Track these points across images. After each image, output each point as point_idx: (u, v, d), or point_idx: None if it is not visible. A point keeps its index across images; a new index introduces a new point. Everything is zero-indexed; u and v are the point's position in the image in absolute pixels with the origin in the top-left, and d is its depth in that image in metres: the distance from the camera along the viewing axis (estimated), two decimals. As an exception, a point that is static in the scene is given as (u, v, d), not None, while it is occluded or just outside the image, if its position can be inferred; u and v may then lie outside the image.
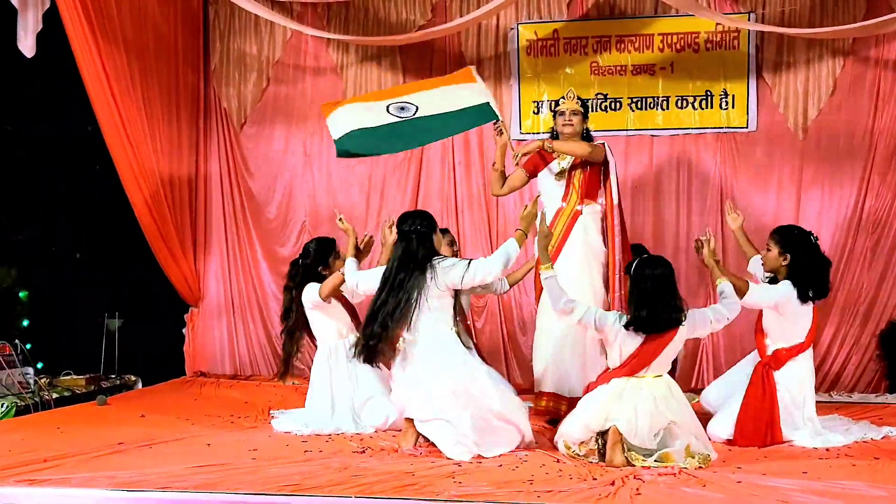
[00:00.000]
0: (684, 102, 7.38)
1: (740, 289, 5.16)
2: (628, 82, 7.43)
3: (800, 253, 5.29)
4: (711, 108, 7.34)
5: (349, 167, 7.84)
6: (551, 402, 5.73)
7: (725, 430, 5.21)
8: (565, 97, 5.99)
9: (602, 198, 5.85)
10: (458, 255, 6.23)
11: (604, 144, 5.85)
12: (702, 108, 7.35)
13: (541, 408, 5.78)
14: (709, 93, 7.34)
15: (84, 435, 5.15)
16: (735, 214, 5.83)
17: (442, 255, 5.09)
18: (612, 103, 7.46)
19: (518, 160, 5.74)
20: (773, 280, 5.38)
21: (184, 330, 7.87)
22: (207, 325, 7.96)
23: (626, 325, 4.74)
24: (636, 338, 4.74)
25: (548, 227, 5.20)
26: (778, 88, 7.24)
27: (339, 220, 5.76)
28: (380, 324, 4.87)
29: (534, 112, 7.57)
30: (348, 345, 5.58)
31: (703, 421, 5.08)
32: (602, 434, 4.64)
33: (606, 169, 5.81)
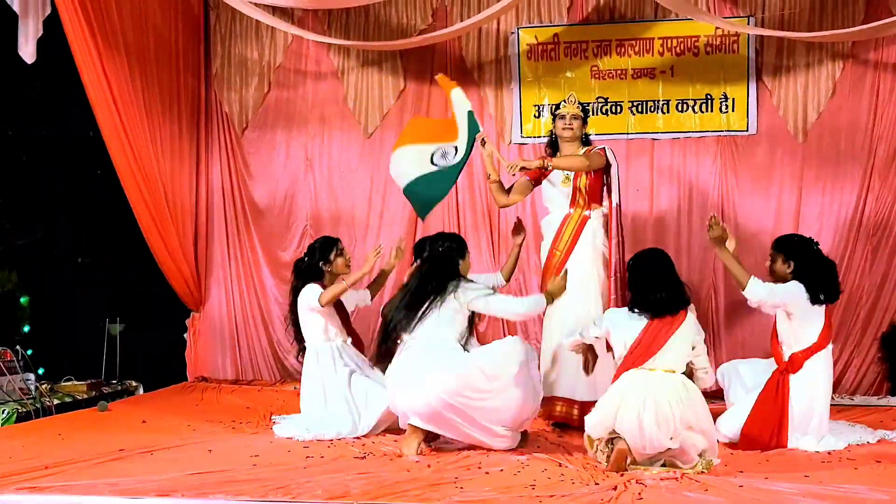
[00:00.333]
0: (685, 106, 7.39)
1: (740, 280, 5.22)
2: (629, 86, 7.44)
3: (803, 257, 5.28)
4: (712, 111, 7.35)
5: (350, 171, 7.85)
6: (564, 406, 5.72)
7: (731, 430, 5.20)
8: (566, 101, 6.01)
9: (607, 201, 5.88)
10: None
11: (604, 149, 5.87)
12: (702, 112, 7.36)
13: (555, 414, 5.75)
14: (709, 96, 7.34)
15: (85, 441, 5.15)
16: (730, 238, 5.53)
17: (467, 277, 5.25)
18: (613, 107, 7.47)
19: (513, 171, 5.72)
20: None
21: (185, 335, 7.87)
22: (209, 329, 7.95)
23: (631, 307, 4.76)
24: (639, 321, 4.71)
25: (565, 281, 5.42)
26: (778, 92, 7.25)
27: (376, 254, 5.87)
28: (393, 328, 5.05)
29: (535, 116, 7.57)
30: (336, 347, 5.69)
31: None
32: (610, 441, 4.61)
33: (609, 172, 5.84)
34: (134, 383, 7.32)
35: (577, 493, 4.00)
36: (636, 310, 4.75)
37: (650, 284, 4.74)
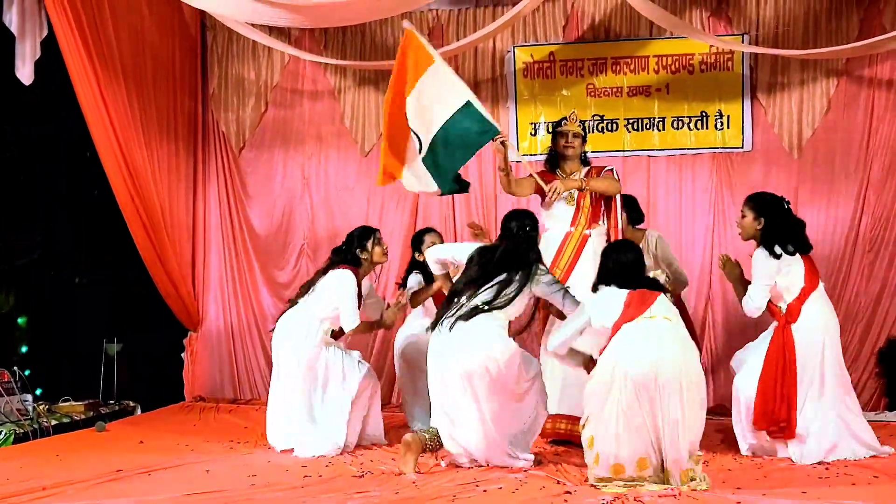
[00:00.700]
0: (680, 123, 7.42)
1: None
2: (624, 104, 7.47)
3: (773, 215, 5.37)
4: (707, 128, 7.38)
5: (347, 189, 7.86)
6: (567, 424, 5.71)
7: (751, 386, 5.26)
8: (567, 119, 6.02)
9: (604, 219, 5.90)
10: None
11: (612, 170, 5.99)
12: (697, 129, 7.39)
13: (559, 431, 5.74)
14: (704, 113, 7.38)
15: (83, 462, 5.15)
16: (733, 263, 5.64)
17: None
18: (609, 125, 7.50)
19: (556, 196, 5.72)
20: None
21: (183, 355, 7.86)
22: (207, 349, 7.95)
23: (606, 283, 4.85)
24: (618, 292, 4.77)
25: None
26: (772, 108, 7.27)
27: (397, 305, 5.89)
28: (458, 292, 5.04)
29: (531, 134, 7.60)
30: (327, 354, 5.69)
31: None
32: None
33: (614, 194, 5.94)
34: (132, 403, 7.30)
35: (576, 512, 4.01)
36: (612, 285, 4.83)
37: (628, 266, 4.87)
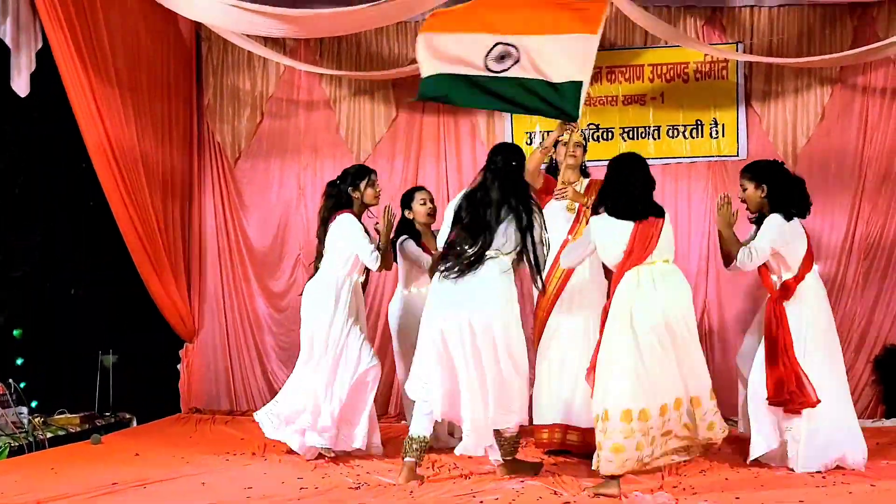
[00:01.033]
0: (675, 132, 7.43)
1: (732, 252, 5.39)
2: (619, 112, 7.48)
3: (775, 178, 5.37)
4: (702, 136, 7.39)
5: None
6: (559, 433, 5.70)
7: (760, 382, 5.24)
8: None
9: None
10: (433, 214, 6.27)
11: None
12: (693, 137, 7.40)
13: (543, 440, 5.75)
14: (699, 122, 7.39)
15: (78, 475, 5.14)
16: (730, 207, 5.48)
17: None
18: (605, 133, 7.50)
19: (563, 195, 5.72)
20: (759, 220, 5.46)
21: (179, 366, 7.85)
22: (203, 360, 7.94)
23: (613, 213, 4.88)
24: (625, 225, 4.85)
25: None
26: (767, 117, 7.29)
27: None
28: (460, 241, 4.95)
29: (526, 143, 7.60)
30: (354, 281, 5.74)
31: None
32: None
33: None
34: (127, 415, 7.26)
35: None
36: (618, 216, 4.89)
37: (634, 188, 4.93)
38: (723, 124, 7.36)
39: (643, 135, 7.46)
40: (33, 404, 6.73)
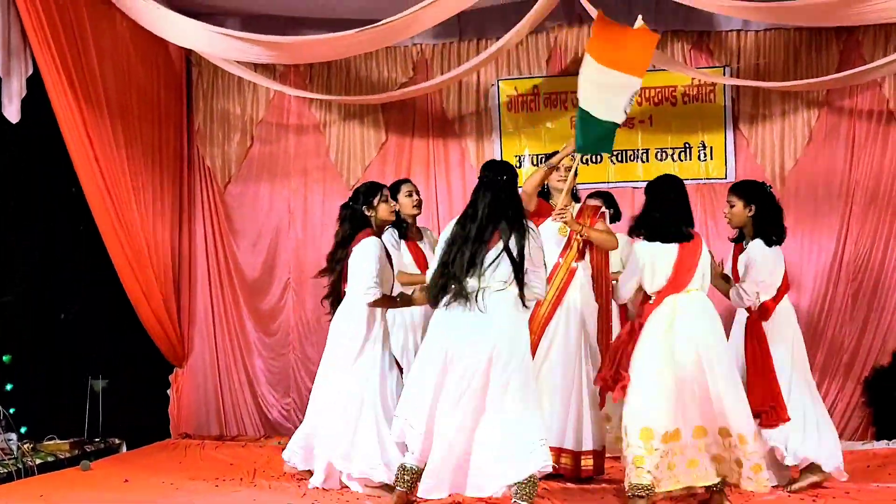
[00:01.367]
0: (664, 154, 7.47)
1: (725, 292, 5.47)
2: (608, 136, 7.52)
3: (763, 201, 5.45)
4: (690, 159, 7.44)
5: (333, 221, 7.74)
6: (552, 455, 5.64)
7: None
8: (561, 153, 6.00)
9: (587, 254, 5.91)
10: (419, 206, 6.29)
11: (605, 213, 6.05)
12: (681, 160, 7.44)
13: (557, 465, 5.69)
14: (687, 145, 7.43)
15: (67, 502, 5.12)
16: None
17: None
18: (593, 156, 7.52)
19: (559, 217, 5.67)
20: (739, 238, 5.61)
21: (168, 391, 7.82)
22: (192, 385, 7.91)
23: (656, 238, 4.92)
24: (671, 248, 4.91)
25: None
26: (755, 139, 7.34)
27: None
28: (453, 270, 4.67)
29: (516, 166, 7.61)
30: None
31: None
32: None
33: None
34: (117, 441, 7.22)
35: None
36: (662, 238, 4.94)
37: (676, 210, 4.99)
38: (711, 147, 7.40)
39: (632, 158, 7.50)
40: (22, 430, 6.70)
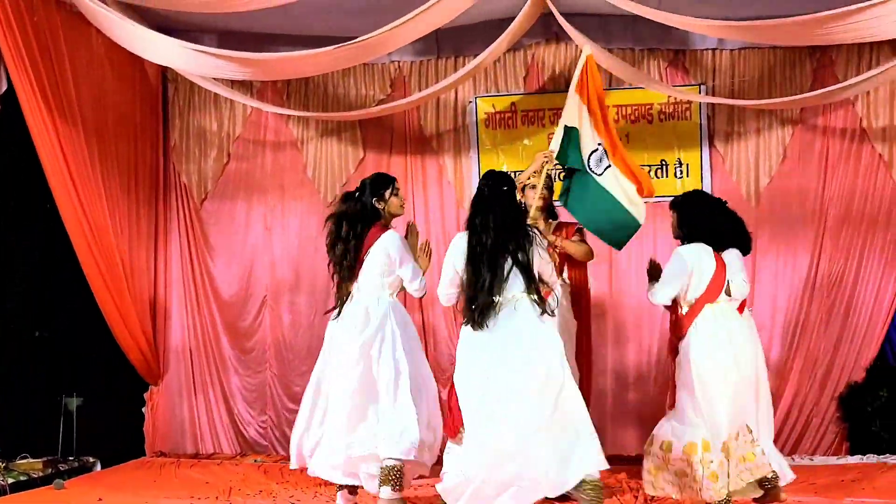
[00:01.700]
0: (640, 172, 7.49)
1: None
2: (586, 152, 7.55)
3: (684, 207, 5.49)
4: (667, 176, 7.47)
5: (310, 238, 7.84)
6: None
7: None
8: (537, 172, 6.02)
9: (565, 271, 5.92)
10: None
11: (581, 229, 6.04)
12: (657, 178, 7.46)
13: None
14: (664, 162, 7.47)
15: (39, 523, 5.07)
16: None
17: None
18: (570, 173, 7.51)
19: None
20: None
21: (144, 409, 7.76)
22: (168, 403, 7.86)
23: (700, 241, 5.15)
24: (710, 255, 5.12)
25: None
26: (730, 157, 7.39)
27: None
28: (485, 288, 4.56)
29: (493, 183, 7.64)
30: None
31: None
32: None
33: None
34: (91, 459, 7.16)
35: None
36: (722, 245, 5.19)
37: (717, 217, 5.23)
38: (687, 164, 7.44)
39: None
40: (-4, 449, 6.64)
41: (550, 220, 6.05)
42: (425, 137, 7.76)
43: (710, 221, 5.26)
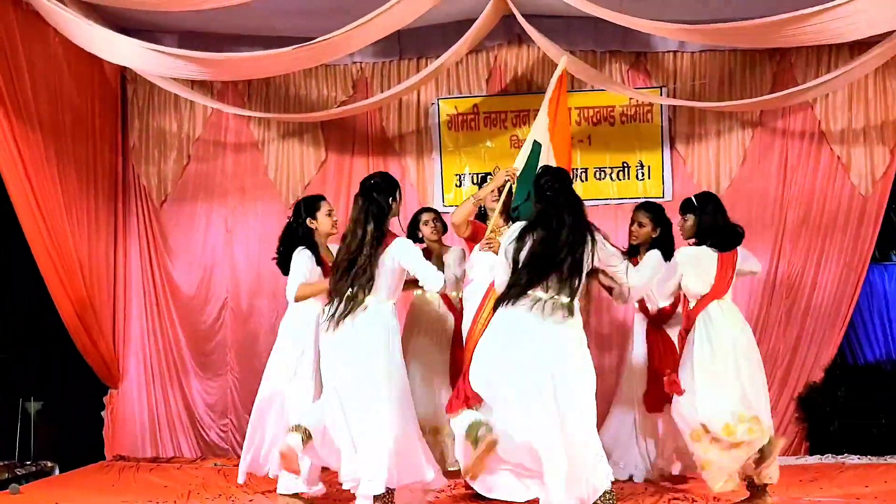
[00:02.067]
0: (602, 174, 7.52)
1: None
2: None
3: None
4: (629, 178, 7.50)
5: (271, 241, 7.71)
6: None
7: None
8: (492, 174, 6.02)
9: None
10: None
11: None
12: (619, 180, 7.50)
13: None
14: (625, 164, 7.50)
15: (-8, 528, 5.00)
16: None
17: None
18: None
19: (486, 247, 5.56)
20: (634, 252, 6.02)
21: (103, 413, 7.68)
22: (128, 406, 7.77)
23: (705, 243, 5.30)
24: (711, 255, 5.27)
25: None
26: (691, 159, 7.43)
27: None
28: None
29: (456, 185, 7.65)
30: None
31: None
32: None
33: None
34: (49, 464, 7.08)
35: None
36: (706, 245, 5.29)
37: (724, 222, 5.32)
38: (648, 166, 7.47)
39: (571, 177, 7.52)
40: (-49, 454, 6.56)
41: (511, 223, 5.97)
42: (387, 139, 7.74)
43: (726, 224, 5.41)
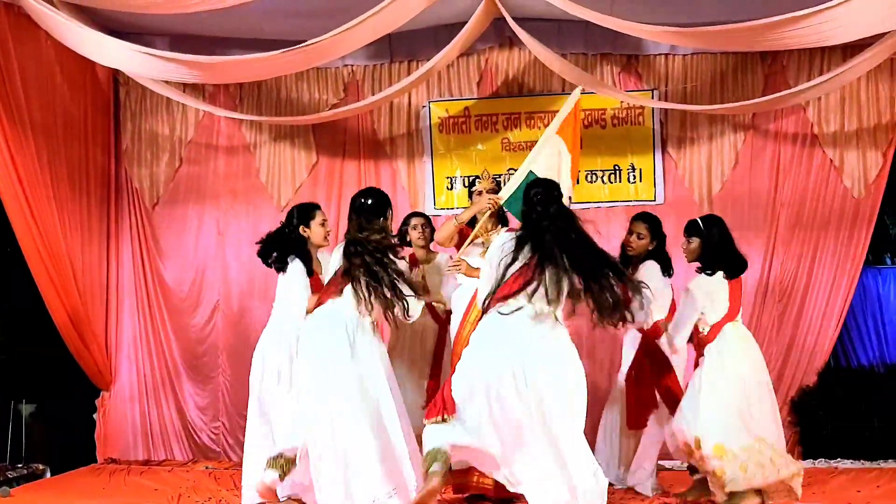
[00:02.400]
0: (594, 177, 7.52)
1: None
2: (539, 157, 7.55)
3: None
4: (620, 181, 7.50)
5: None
6: (481, 477, 5.48)
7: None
8: (481, 177, 6.01)
9: None
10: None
11: None
12: (611, 182, 7.50)
13: (472, 485, 5.51)
14: (617, 167, 7.49)
15: (-20, 532, 4.99)
16: None
17: None
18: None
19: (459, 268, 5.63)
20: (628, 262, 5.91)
21: (95, 415, 7.67)
22: (119, 409, 7.76)
23: (715, 271, 5.33)
24: (723, 283, 5.34)
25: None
26: (683, 162, 7.43)
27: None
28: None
29: (447, 188, 7.65)
30: None
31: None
32: None
33: None
34: (41, 466, 7.06)
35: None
36: (719, 273, 5.35)
37: (730, 247, 5.40)
38: (640, 169, 7.47)
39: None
40: (-58, 456, 6.56)
41: (500, 227, 5.93)
42: (379, 142, 7.74)
43: (732, 249, 5.47)
